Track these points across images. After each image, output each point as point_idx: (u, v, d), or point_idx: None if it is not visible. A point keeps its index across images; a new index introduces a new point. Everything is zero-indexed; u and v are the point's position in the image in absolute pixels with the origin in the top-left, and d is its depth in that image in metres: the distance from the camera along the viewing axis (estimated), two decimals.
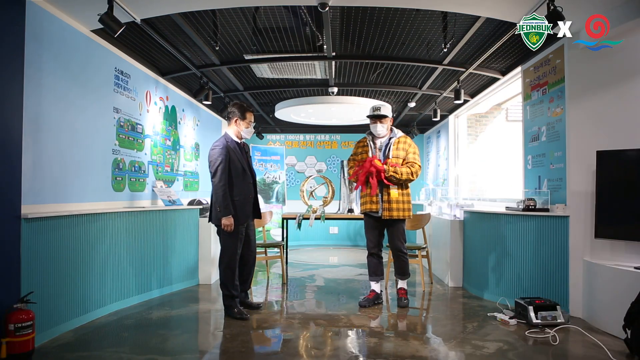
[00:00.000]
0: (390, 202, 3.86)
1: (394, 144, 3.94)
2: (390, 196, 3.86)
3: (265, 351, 2.96)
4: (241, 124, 3.66)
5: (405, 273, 4.13)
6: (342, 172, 6.26)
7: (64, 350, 2.83)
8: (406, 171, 3.83)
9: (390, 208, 3.86)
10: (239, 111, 3.65)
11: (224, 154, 3.50)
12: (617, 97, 3.61)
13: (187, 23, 3.80)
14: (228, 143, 3.59)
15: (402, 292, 4.12)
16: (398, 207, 3.87)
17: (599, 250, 3.59)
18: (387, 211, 3.86)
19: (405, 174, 3.82)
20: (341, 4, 3.40)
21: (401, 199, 3.88)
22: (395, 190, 3.86)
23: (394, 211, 3.86)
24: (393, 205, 3.86)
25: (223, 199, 3.47)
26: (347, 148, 9.36)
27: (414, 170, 3.86)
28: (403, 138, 3.98)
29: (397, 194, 3.86)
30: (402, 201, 3.89)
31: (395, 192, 3.85)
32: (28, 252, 2.86)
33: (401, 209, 3.89)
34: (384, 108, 3.94)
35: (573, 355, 2.90)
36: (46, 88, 3.18)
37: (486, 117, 7.08)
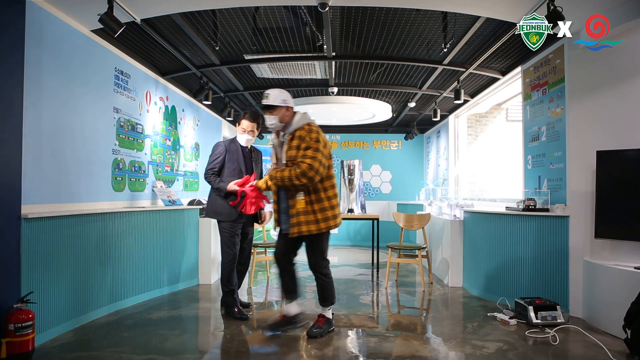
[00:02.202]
0: (296, 214, 3.00)
1: (287, 141, 3.04)
2: (296, 207, 3.00)
3: (265, 351, 2.96)
4: (237, 129, 3.73)
5: (326, 299, 3.20)
6: (342, 172, 6.28)
7: (64, 350, 2.83)
8: (287, 176, 2.88)
9: (293, 223, 3.00)
10: (241, 117, 3.71)
11: (217, 151, 3.69)
12: (617, 97, 3.61)
13: (187, 23, 3.80)
14: (229, 144, 3.72)
15: (320, 319, 3.22)
16: (299, 220, 2.96)
17: (599, 250, 3.59)
18: (292, 226, 3.01)
19: (286, 180, 2.89)
20: (341, 4, 3.40)
21: (310, 209, 2.98)
22: (302, 197, 2.98)
23: (295, 227, 2.97)
24: (295, 220, 2.99)
25: (212, 184, 3.65)
26: (347, 148, 9.37)
27: (296, 174, 2.85)
28: (299, 131, 2.99)
29: (303, 202, 2.98)
30: (310, 211, 2.98)
31: (301, 201, 2.98)
32: (28, 252, 2.86)
33: (303, 222, 2.96)
34: (271, 95, 3.03)
35: (573, 355, 2.90)
36: (46, 88, 3.18)
37: (486, 117, 7.09)
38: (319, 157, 2.90)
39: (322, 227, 2.98)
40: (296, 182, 2.87)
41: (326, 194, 3.04)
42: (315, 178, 2.88)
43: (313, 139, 2.94)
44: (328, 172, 3.05)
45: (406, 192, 9.15)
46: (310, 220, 2.97)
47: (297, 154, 2.93)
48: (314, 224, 2.97)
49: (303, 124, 3.00)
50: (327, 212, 3.01)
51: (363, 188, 6.42)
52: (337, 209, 3.10)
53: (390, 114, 7.23)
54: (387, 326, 3.54)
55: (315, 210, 2.98)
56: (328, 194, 3.05)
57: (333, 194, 3.09)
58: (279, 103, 3.02)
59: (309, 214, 2.97)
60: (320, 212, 2.99)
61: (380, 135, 9.34)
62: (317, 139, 2.94)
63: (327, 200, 3.04)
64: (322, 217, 2.99)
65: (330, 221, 3.03)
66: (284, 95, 3.05)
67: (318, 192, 3.01)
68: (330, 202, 3.05)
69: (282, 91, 3.06)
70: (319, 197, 3.01)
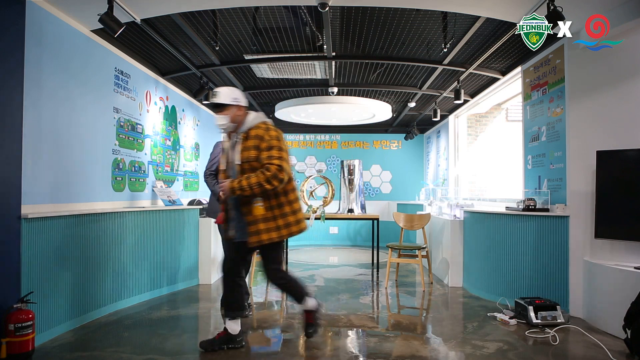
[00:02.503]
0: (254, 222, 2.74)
1: (240, 141, 2.79)
2: (254, 213, 2.72)
3: (265, 351, 2.96)
4: None
5: (300, 296, 2.99)
6: (342, 172, 6.28)
7: (64, 350, 2.83)
8: (255, 182, 2.65)
9: (251, 231, 2.73)
10: None
11: (215, 152, 3.68)
12: (617, 97, 3.61)
13: (187, 23, 3.80)
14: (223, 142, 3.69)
15: (307, 316, 3.02)
16: (258, 228, 2.71)
17: (599, 250, 3.59)
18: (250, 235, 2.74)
19: (255, 187, 2.65)
20: (341, 4, 3.39)
21: (270, 215, 2.75)
22: (261, 203, 2.73)
23: (254, 235, 2.73)
24: (253, 228, 2.73)
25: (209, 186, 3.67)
26: (347, 148, 9.37)
27: (266, 177, 2.65)
28: (255, 130, 2.77)
29: (262, 209, 2.73)
30: (270, 217, 2.75)
31: (260, 208, 2.73)
32: (28, 252, 2.86)
33: (263, 230, 2.72)
34: (221, 93, 2.80)
35: (573, 355, 2.90)
36: (46, 88, 3.18)
37: (486, 117, 7.08)
38: (285, 157, 2.74)
39: (283, 233, 2.76)
40: (268, 186, 2.65)
41: (287, 197, 2.81)
42: (285, 179, 2.71)
43: (274, 138, 2.74)
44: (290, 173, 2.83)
45: (406, 192, 9.15)
46: (271, 227, 2.73)
47: (257, 154, 2.71)
48: (275, 231, 2.74)
49: (258, 123, 2.80)
50: (289, 217, 2.79)
51: (363, 188, 6.43)
52: (299, 213, 2.87)
53: (390, 114, 7.23)
54: (387, 326, 3.54)
55: (276, 215, 2.75)
56: (289, 197, 2.82)
57: (294, 197, 2.86)
58: (230, 101, 2.77)
59: (269, 220, 2.73)
60: (281, 218, 2.77)
61: (380, 135, 9.34)
62: (277, 137, 2.76)
63: (289, 205, 2.81)
64: (284, 222, 2.77)
65: (292, 227, 2.80)
66: (235, 93, 2.82)
67: (278, 196, 2.77)
68: (291, 207, 2.82)
69: (233, 89, 2.85)
70: (279, 201, 2.78)
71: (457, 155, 7.21)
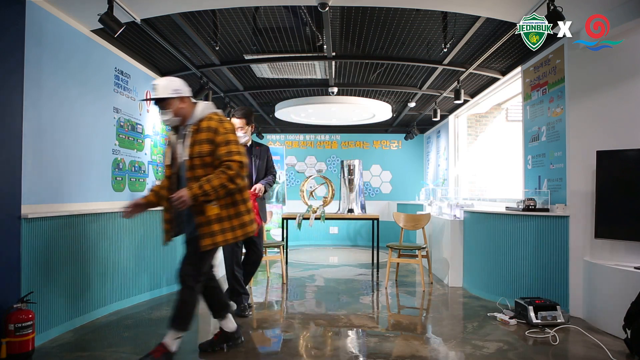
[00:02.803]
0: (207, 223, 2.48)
1: (190, 134, 2.52)
2: (206, 214, 2.47)
3: (265, 351, 2.96)
4: None
5: (175, 319, 2.58)
6: (342, 172, 6.28)
7: (64, 350, 2.83)
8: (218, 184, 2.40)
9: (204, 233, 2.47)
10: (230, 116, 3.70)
11: None
12: (617, 97, 3.61)
13: (187, 23, 3.80)
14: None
15: (160, 347, 2.54)
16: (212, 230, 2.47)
17: (599, 250, 3.59)
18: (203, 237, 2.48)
19: (219, 189, 2.41)
20: (341, 4, 3.39)
21: (225, 214, 2.51)
22: (215, 202, 2.48)
23: (207, 237, 2.47)
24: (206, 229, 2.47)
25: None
26: (347, 148, 9.37)
27: (229, 176, 2.41)
28: (206, 121, 2.52)
29: (216, 208, 2.49)
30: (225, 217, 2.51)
31: (214, 207, 2.48)
32: (28, 252, 2.86)
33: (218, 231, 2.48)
34: (159, 86, 2.52)
35: (573, 355, 2.90)
36: (46, 88, 3.18)
37: (486, 117, 7.08)
38: (242, 150, 2.51)
39: (238, 234, 2.55)
40: (232, 186, 2.43)
41: (242, 195, 2.58)
42: (246, 175, 2.55)
43: (230, 131, 2.50)
44: None
45: (406, 192, 9.15)
46: (226, 227, 2.50)
47: (211, 148, 2.46)
48: (230, 232, 2.51)
49: (209, 113, 2.55)
50: (244, 217, 2.57)
51: (363, 188, 6.42)
52: (252, 212, 2.66)
53: (390, 114, 7.23)
54: (387, 326, 3.54)
55: (231, 215, 2.53)
56: (243, 195, 2.59)
57: (247, 195, 2.66)
58: (170, 94, 2.50)
59: (224, 220, 2.50)
60: (236, 218, 2.54)
61: (380, 135, 9.34)
62: (232, 130, 2.53)
63: (243, 203, 2.58)
64: (239, 222, 2.55)
65: (247, 227, 2.58)
66: (174, 84, 2.54)
67: (232, 194, 2.53)
68: (246, 205, 2.60)
69: (172, 79, 2.56)
70: (234, 199, 2.54)
71: (457, 155, 7.21)
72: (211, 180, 2.40)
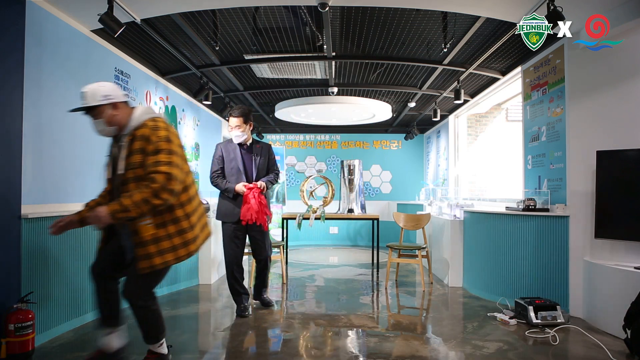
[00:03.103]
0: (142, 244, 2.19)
1: (126, 145, 2.25)
2: (141, 235, 2.18)
3: (265, 351, 2.96)
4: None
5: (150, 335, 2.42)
6: (342, 172, 6.28)
7: (64, 350, 2.83)
8: (139, 199, 2.09)
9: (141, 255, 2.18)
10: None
11: (215, 154, 3.76)
12: (617, 97, 3.61)
13: (187, 23, 3.80)
14: (226, 144, 3.76)
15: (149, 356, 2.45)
16: (148, 251, 2.17)
17: (599, 250, 3.59)
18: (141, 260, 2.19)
19: (142, 205, 2.10)
20: (341, 4, 3.39)
21: (163, 234, 2.21)
22: (149, 221, 2.19)
23: (144, 260, 2.18)
24: (142, 251, 2.18)
25: (219, 187, 3.69)
26: (346, 148, 9.37)
27: (153, 191, 2.10)
28: (141, 129, 2.23)
29: (151, 228, 2.19)
30: (164, 237, 2.21)
31: (148, 227, 2.19)
32: (28, 252, 2.86)
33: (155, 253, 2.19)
34: (88, 93, 2.27)
35: (573, 355, 2.90)
36: (46, 88, 3.18)
37: (486, 117, 7.09)
38: (175, 161, 2.17)
39: (180, 254, 2.24)
40: (156, 201, 2.11)
41: (184, 210, 2.26)
42: (177, 189, 2.18)
43: (162, 138, 2.18)
44: (185, 179, 2.28)
45: (406, 192, 9.15)
46: (165, 248, 2.20)
47: (142, 159, 2.17)
48: (171, 252, 2.21)
49: (145, 120, 2.25)
50: (187, 235, 2.26)
51: (363, 188, 6.42)
52: (197, 228, 2.33)
53: (390, 114, 7.23)
54: (387, 326, 3.54)
55: (171, 234, 2.22)
56: (186, 210, 2.27)
57: (192, 209, 2.31)
58: (100, 101, 2.22)
59: (163, 240, 2.19)
60: (178, 236, 2.23)
61: (380, 135, 9.35)
62: (167, 137, 2.19)
63: (186, 219, 2.26)
64: (181, 241, 2.24)
65: (190, 245, 2.28)
66: (104, 89, 2.26)
67: (172, 209, 2.22)
68: (189, 221, 2.27)
69: (101, 85, 2.28)
70: (174, 216, 2.23)
71: (457, 155, 7.21)
72: (132, 195, 2.10)
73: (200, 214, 2.41)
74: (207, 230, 2.48)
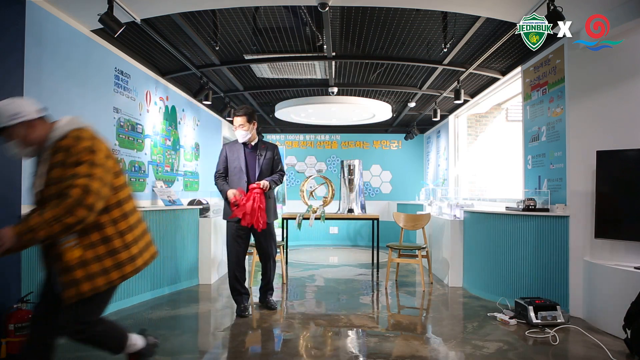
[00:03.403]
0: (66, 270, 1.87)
1: (47, 158, 1.94)
2: (65, 259, 1.87)
3: (265, 351, 2.96)
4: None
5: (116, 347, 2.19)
6: (342, 172, 6.28)
7: (64, 350, 2.83)
8: (50, 217, 1.76)
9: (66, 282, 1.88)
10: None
11: (220, 154, 3.80)
12: (617, 97, 3.61)
13: (187, 23, 3.80)
14: (232, 144, 3.78)
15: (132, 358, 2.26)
16: (74, 277, 1.87)
17: (599, 250, 3.59)
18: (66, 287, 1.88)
19: (53, 223, 1.76)
20: (341, 4, 3.40)
21: (91, 256, 1.90)
22: (73, 243, 1.88)
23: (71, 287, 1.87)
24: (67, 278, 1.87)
25: (218, 187, 3.74)
26: (346, 148, 9.37)
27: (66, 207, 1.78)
28: (64, 140, 1.92)
29: (78, 250, 1.88)
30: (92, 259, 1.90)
31: (73, 249, 1.88)
32: (28, 252, 2.85)
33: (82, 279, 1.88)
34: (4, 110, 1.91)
35: (573, 355, 2.90)
36: (46, 88, 3.18)
37: (486, 117, 7.09)
38: (97, 174, 1.88)
39: (113, 277, 1.95)
40: (70, 219, 1.78)
41: (116, 227, 1.98)
42: (97, 205, 1.85)
43: (85, 149, 1.90)
44: (118, 194, 1.99)
45: (406, 192, 9.16)
46: (95, 272, 1.90)
47: (61, 174, 1.88)
48: (102, 276, 1.92)
49: (68, 131, 1.96)
50: (121, 255, 1.97)
51: (363, 188, 6.43)
52: (133, 247, 2.02)
53: (390, 114, 7.23)
54: (387, 326, 3.54)
55: (101, 255, 1.93)
56: (119, 227, 1.99)
57: (127, 226, 2.02)
58: (9, 121, 1.90)
59: (91, 263, 1.90)
60: (109, 257, 1.94)
61: (380, 135, 9.35)
62: (90, 148, 1.91)
63: (120, 237, 1.98)
64: (114, 262, 1.95)
65: (126, 266, 1.98)
66: (13, 107, 1.94)
67: (102, 227, 1.94)
68: (123, 240, 1.99)
69: (8, 103, 1.96)
70: (104, 235, 1.94)
71: (457, 155, 7.21)
72: (43, 213, 1.78)
73: (140, 232, 2.09)
74: (151, 250, 2.13)
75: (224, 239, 5.48)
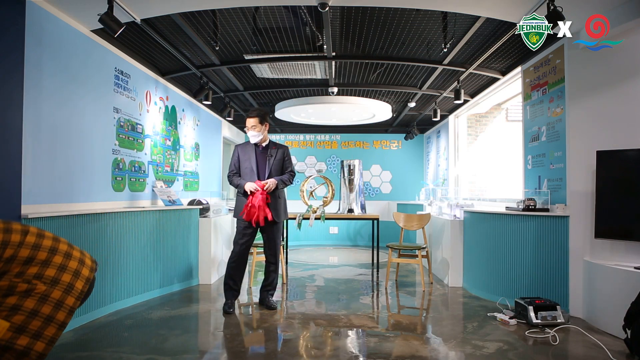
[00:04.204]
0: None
1: None
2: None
3: (265, 351, 2.96)
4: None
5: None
6: (342, 172, 6.28)
7: (64, 350, 2.83)
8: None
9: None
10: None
11: (232, 155, 3.96)
12: (617, 97, 3.61)
13: (187, 23, 3.80)
14: (244, 145, 3.93)
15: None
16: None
17: (599, 250, 3.59)
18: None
19: None
20: (341, 4, 3.39)
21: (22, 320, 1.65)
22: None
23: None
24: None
25: (233, 183, 3.87)
26: (347, 148, 9.37)
27: None
28: None
29: (3, 323, 1.59)
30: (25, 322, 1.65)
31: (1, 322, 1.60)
32: None
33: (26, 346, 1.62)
34: None
35: (573, 355, 2.90)
36: (46, 88, 3.18)
37: (486, 117, 7.09)
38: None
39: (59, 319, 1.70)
40: None
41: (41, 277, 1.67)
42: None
43: None
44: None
45: (406, 192, 9.15)
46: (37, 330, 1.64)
47: None
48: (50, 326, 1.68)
49: None
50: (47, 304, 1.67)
51: (363, 188, 6.43)
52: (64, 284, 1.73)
53: (390, 114, 7.23)
54: (387, 326, 3.54)
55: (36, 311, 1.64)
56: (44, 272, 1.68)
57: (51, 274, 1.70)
58: None
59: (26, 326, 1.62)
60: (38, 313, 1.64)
61: (380, 135, 9.35)
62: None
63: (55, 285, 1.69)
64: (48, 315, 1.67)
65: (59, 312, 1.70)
66: None
67: (11, 286, 1.61)
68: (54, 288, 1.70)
69: None
70: (19, 290, 1.63)
71: (457, 155, 7.21)
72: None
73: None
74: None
75: (224, 239, 5.50)
